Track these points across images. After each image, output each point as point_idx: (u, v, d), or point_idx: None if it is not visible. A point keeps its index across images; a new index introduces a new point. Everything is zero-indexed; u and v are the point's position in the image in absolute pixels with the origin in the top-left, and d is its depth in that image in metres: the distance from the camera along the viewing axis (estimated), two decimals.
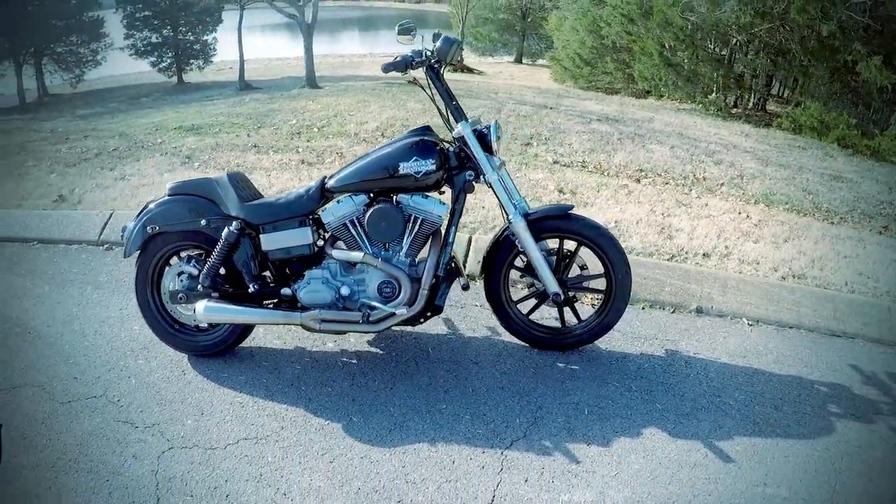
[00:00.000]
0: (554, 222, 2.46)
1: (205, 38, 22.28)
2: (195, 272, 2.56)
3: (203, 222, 2.48)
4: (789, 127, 8.47)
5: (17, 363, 2.74)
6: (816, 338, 2.92)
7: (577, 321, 2.66)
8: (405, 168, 2.30)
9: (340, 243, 2.48)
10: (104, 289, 3.35)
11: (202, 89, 18.27)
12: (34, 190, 4.89)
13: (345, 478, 2.02)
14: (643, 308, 3.12)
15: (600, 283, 2.58)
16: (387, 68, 2.36)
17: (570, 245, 2.55)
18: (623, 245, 3.40)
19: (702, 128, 7.99)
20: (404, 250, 2.41)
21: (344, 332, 2.53)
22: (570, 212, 2.47)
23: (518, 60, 24.98)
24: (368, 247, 2.42)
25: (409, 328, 2.81)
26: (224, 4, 21.99)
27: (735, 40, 9.97)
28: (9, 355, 2.80)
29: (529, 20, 23.84)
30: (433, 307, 2.43)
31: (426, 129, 2.40)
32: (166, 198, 2.56)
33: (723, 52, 10.56)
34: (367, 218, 2.36)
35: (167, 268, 2.68)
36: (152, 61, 21.50)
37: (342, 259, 2.41)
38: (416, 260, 2.46)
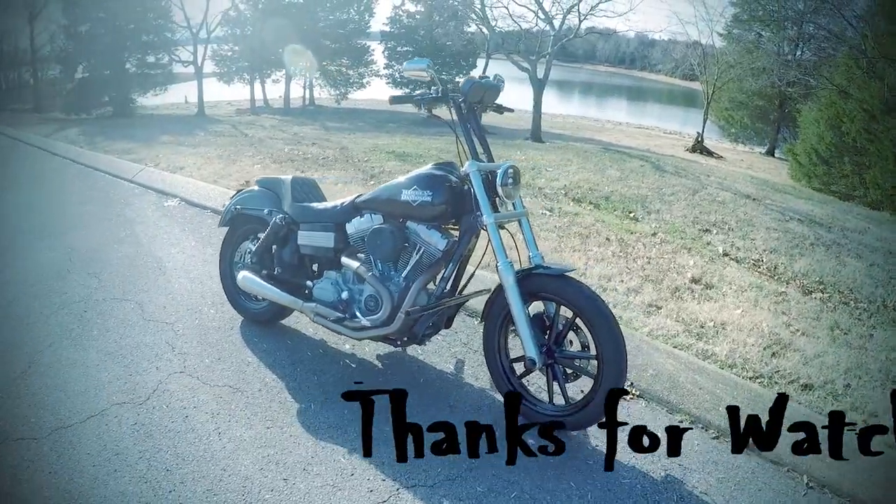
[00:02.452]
0: (541, 281, 2.25)
1: (457, 80, 24.45)
2: (252, 249, 3.00)
3: (265, 211, 2.90)
4: None
5: (139, 283, 3.53)
6: None
7: (563, 400, 2.35)
8: (405, 195, 2.38)
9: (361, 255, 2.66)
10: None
11: (442, 126, 20.14)
12: (234, 174, 6.02)
13: (268, 439, 2.20)
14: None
15: (593, 367, 2.25)
16: (393, 100, 2.48)
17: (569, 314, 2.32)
18: (703, 349, 3.10)
19: None
20: (402, 274, 2.48)
21: (333, 330, 2.65)
22: (568, 274, 2.23)
23: (770, 153, 22.53)
24: (376, 263, 2.54)
25: (417, 349, 2.89)
26: (480, 51, 23.94)
27: None
28: (137, 276, 3.60)
29: (787, 110, 21.34)
30: (411, 334, 2.45)
31: (445, 164, 2.45)
32: (254, 187, 3.07)
33: None
34: (368, 234, 2.49)
35: (245, 242, 3.17)
36: (407, 93, 24.44)
37: (346, 265, 2.60)
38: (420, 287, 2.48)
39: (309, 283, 2.77)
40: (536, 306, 2.35)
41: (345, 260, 2.60)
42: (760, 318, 3.58)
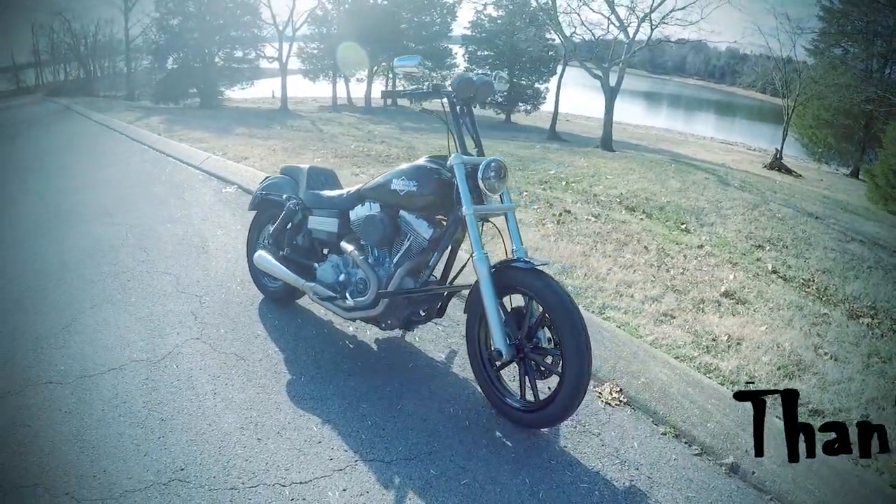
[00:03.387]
0: (514, 274, 2.26)
1: (536, 85, 24.29)
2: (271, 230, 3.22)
3: (284, 196, 3.11)
4: None
5: (182, 259, 3.85)
6: None
7: (533, 396, 2.34)
8: (395, 185, 2.50)
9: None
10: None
11: (518, 130, 20.18)
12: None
13: (255, 403, 2.37)
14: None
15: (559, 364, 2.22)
16: (384, 94, 2.62)
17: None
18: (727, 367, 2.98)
19: None
20: (392, 259, 2.59)
21: (329, 309, 2.80)
22: (539, 268, 2.23)
23: (854, 174, 21.02)
24: (372, 249, 2.67)
25: (415, 337, 3.01)
26: (562, 58, 23.75)
27: None
28: (181, 253, 3.91)
29: (873, 130, 19.66)
30: (395, 318, 2.56)
31: (439, 158, 2.52)
32: (278, 174, 3.30)
33: None
34: (362, 221, 2.63)
35: (268, 225, 3.40)
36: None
37: (344, 249, 2.73)
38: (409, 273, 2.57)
39: (316, 265, 2.95)
40: (519, 300, 2.37)
41: (344, 244, 2.75)
42: (787, 338, 3.41)
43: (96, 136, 10.64)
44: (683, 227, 5.82)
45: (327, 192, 2.98)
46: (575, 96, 19.39)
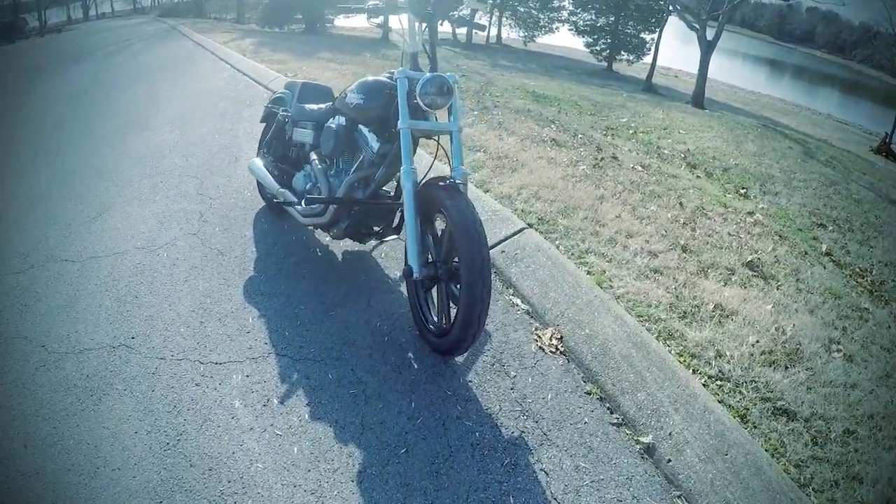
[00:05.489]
0: (433, 191, 2.21)
1: (642, 35, 22.74)
2: None
3: (281, 110, 3.30)
4: None
5: (213, 165, 4.19)
6: None
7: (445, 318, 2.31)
8: (348, 98, 2.59)
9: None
10: None
11: (615, 79, 19.11)
12: None
13: (213, 291, 2.66)
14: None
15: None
16: (338, 9, 2.67)
17: None
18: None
19: None
20: (344, 169, 2.71)
21: (293, 216, 2.96)
22: (457, 183, 2.20)
23: None
24: (336, 161, 2.78)
25: (382, 253, 3.15)
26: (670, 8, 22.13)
27: None
28: (215, 161, 4.27)
29: None
30: (340, 228, 2.67)
31: (393, 72, 2.46)
32: (282, 89, 3.48)
33: None
34: (322, 132, 2.77)
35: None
36: (587, 42, 23.03)
37: (311, 159, 2.87)
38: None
39: (295, 174, 3.14)
40: None
41: (312, 154, 2.90)
42: (795, 323, 2.96)
43: (190, 52, 11.41)
44: (743, 191, 5.40)
45: (310, 106, 3.11)
46: (690, 53, 17.98)
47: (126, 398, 2.08)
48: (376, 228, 2.79)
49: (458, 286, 2.19)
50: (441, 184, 2.25)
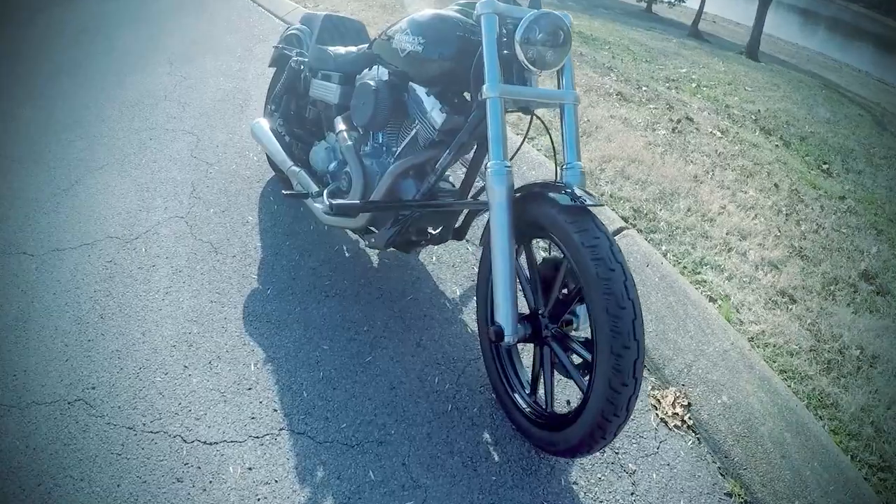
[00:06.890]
0: (541, 206, 1.42)
1: None
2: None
3: (295, 52, 2.48)
4: None
5: (213, 118, 3.45)
6: None
7: (545, 400, 1.62)
8: (396, 41, 1.72)
9: None
10: None
11: (657, 21, 17.72)
12: (380, 21, 5.65)
13: (202, 315, 1.98)
14: None
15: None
16: None
17: None
18: None
19: None
20: (385, 147, 1.91)
21: (310, 208, 2.23)
22: (586, 205, 1.36)
23: None
24: (374, 133, 1.98)
25: (432, 258, 2.42)
26: None
27: None
28: (216, 111, 3.49)
29: None
30: (380, 237, 1.90)
31: (469, 5, 1.65)
32: (297, 24, 2.64)
33: None
34: (355, 91, 1.92)
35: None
36: None
37: (338, 129, 2.04)
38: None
39: (315, 143, 2.35)
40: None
41: (338, 121, 2.05)
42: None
43: None
44: (826, 167, 4.79)
45: (336, 49, 2.26)
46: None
47: (81, 496, 1.42)
48: (432, 232, 2.01)
49: (565, 349, 1.49)
50: (552, 194, 1.42)
